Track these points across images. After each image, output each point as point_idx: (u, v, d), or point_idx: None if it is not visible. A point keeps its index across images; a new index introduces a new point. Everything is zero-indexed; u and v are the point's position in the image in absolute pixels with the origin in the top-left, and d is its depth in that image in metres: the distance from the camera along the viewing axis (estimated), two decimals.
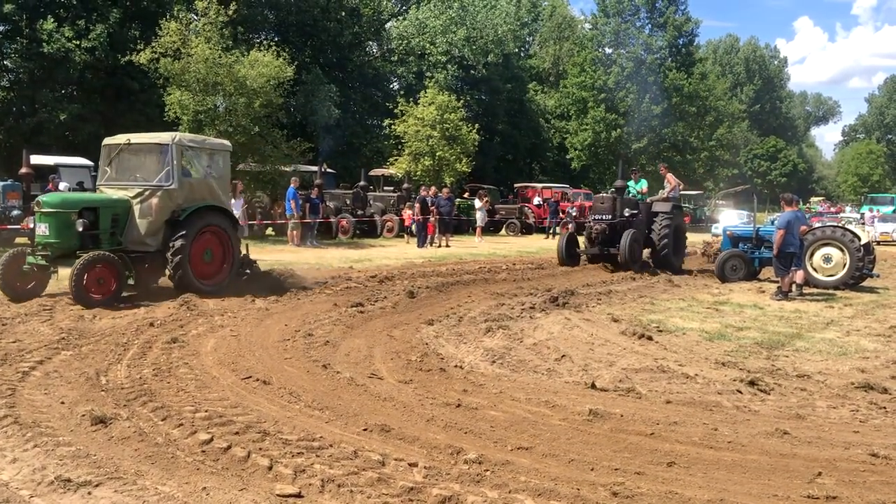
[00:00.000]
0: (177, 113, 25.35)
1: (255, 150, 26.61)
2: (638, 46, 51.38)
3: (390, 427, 5.52)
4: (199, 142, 12.70)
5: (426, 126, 33.72)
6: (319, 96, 38.23)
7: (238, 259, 12.52)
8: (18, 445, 4.87)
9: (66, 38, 32.45)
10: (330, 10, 45.30)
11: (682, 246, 19.50)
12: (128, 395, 6.11)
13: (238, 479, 4.50)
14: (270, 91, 25.95)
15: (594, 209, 19.12)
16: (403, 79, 49.97)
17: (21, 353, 7.42)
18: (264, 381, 6.72)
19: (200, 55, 24.40)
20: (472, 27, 48.61)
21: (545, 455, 5.10)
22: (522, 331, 9.51)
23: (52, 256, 10.89)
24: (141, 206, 11.53)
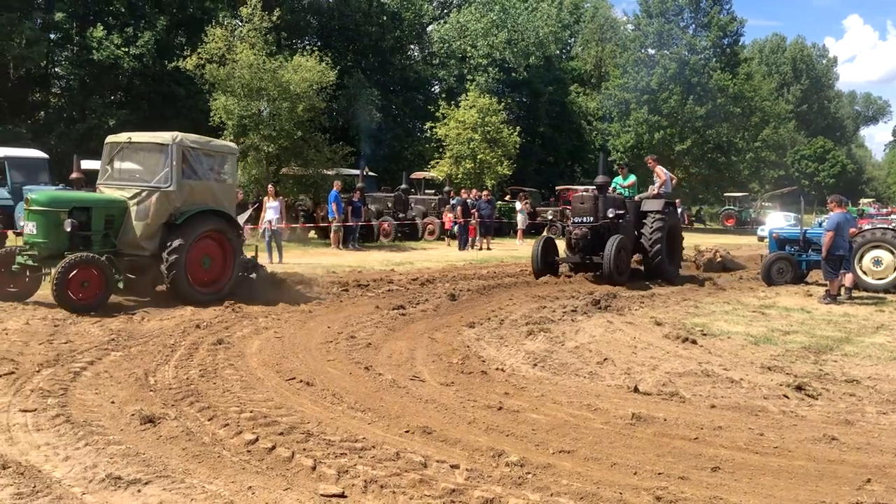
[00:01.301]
0: (222, 118, 25.76)
1: (298, 154, 26.93)
2: (681, 47, 50.76)
3: (432, 429, 5.54)
4: (202, 143, 11.95)
5: (467, 129, 33.75)
6: (361, 100, 38.51)
7: (238, 267, 11.87)
8: (71, 444, 5.00)
9: (114, 46, 33.17)
10: (372, 14, 45.62)
11: (679, 250, 17.30)
12: (175, 395, 6.23)
13: (282, 478, 4.56)
14: (313, 95, 26.24)
15: (574, 211, 16.28)
16: (444, 82, 50.06)
17: (73, 353, 7.61)
18: (308, 382, 6.79)
19: (245, 61, 24.77)
20: (513, 30, 48.56)
21: (587, 458, 5.08)
22: (564, 334, 9.48)
23: (40, 257, 10.38)
24: (137, 208, 10.99)
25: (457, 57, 49.28)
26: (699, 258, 19.45)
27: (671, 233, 16.44)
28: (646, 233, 15.83)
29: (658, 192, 16.97)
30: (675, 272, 16.58)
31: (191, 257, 10.99)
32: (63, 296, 9.75)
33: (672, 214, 16.77)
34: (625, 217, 15.76)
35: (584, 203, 15.85)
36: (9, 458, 4.66)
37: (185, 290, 10.87)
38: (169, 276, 10.74)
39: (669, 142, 49.27)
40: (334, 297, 12.30)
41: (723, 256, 19.44)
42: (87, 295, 9.97)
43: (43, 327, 8.86)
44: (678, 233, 17.28)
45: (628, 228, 15.80)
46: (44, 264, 10.35)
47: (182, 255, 10.73)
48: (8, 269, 10.55)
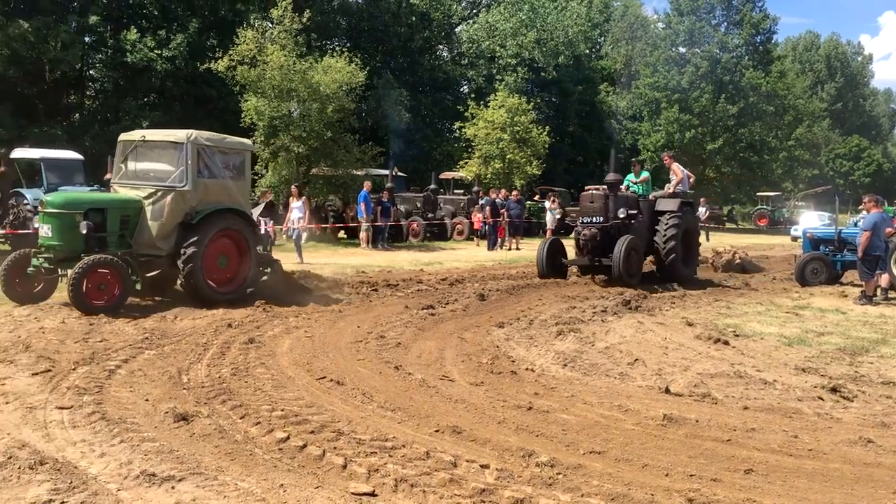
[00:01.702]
0: (252, 119, 25.97)
1: (328, 155, 27.06)
2: (713, 45, 50.31)
3: (462, 429, 5.54)
4: (216, 140, 11.68)
5: (496, 129, 33.71)
6: (390, 101, 38.62)
7: (256, 266, 11.76)
8: (106, 440, 5.07)
9: (148, 48, 33.62)
10: (401, 15, 45.76)
11: (695, 252, 16.45)
12: (208, 393, 6.29)
13: (314, 476, 4.59)
14: (343, 96, 26.36)
15: (582, 210, 15.39)
16: (473, 82, 50.06)
17: (107, 351, 7.72)
18: (338, 381, 6.83)
19: (276, 62, 24.95)
20: (542, 29, 48.42)
21: (618, 459, 5.05)
22: (594, 334, 9.43)
23: (56, 259, 10.28)
24: (153, 208, 10.83)
25: (486, 57, 49.26)
26: (717, 259, 18.91)
27: (687, 234, 15.74)
28: (660, 233, 15.14)
29: (674, 191, 16.31)
30: (691, 275, 15.92)
31: (207, 256, 10.88)
32: (79, 298, 9.66)
33: (688, 214, 16.00)
34: (637, 217, 15.09)
35: (593, 202, 15.02)
36: (46, 454, 4.75)
37: (201, 289, 10.75)
38: (185, 276, 10.64)
39: (701, 141, 48.84)
40: (364, 296, 12.35)
41: (742, 258, 18.95)
42: (104, 297, 9.91)
43: (78, 326, 9.00)
44: (695, 234, 16.61)
45: (641, 228, 15.10)
46: (59, 267, 10.23)
47: (198, 255, 10.61)
48: (24, 272, 10.48)
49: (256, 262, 11.79)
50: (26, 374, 6.73)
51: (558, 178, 47.07)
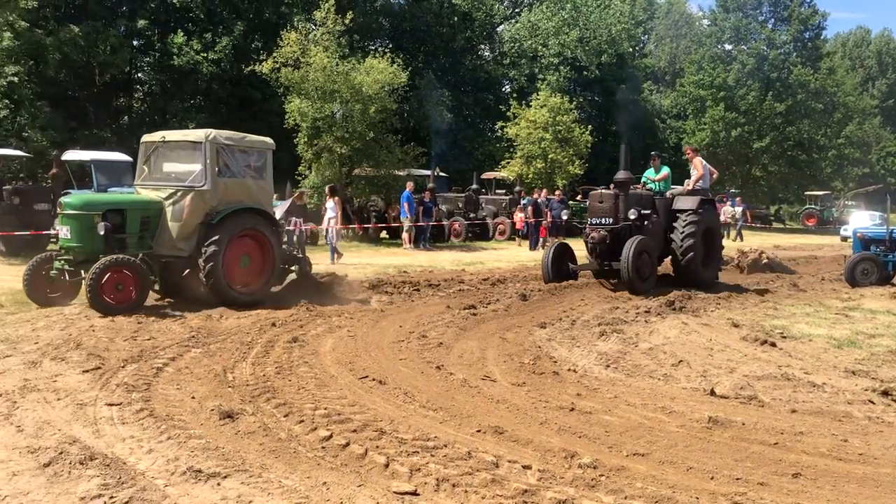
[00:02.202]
0: (296, 120, 26.24)
1: (371, 156, 27.22)
2: (760, 42, 49.44)
3: (504, 429, 5.53)
4: (236, 139, 11.53)
5: (538, 128, 33.57)
6: (432, 101, 38.72)
7: (279, 266, 11.66)
8: (154, 437, 5.16)
9: (194, 51, 34.18)
10: (443, 15, 45.83)
11: (717, 254, 15.09)
12: (252, 391, 6.37)
13: (356, 475, 4.62)
14: (385, 97, 26.49)
15: (591, 211, 14.34)
16: (515, 81, 49.91)
17: (155, 350, 7.87)
18: (380, 380, 6.86)
19: (319, 64, 25.17)
20: (585, 28, 48.11)
21: (662, 462, 5.00)
22: (637, 335, 9.34)
23: (75, 261, 10.26)
24: (173, 208, 10.74)
25: (528, 56, 49.10)
26: (743, 260, 17.96)
27: (708, 234, 14.53)
28: (677, 233, 13.95)
29: (693, 188, 14.92)
30: (712, 278, 14.69)
31: (228, 257, 10.75)
32: (97, 299, 9.63)
33: (708, 212, 14.76)
34: (651, 217, 13.95)
35: (602, 202, 13.97)
36: (96, 450, 4.85)
37: (223, 290, 10.63)
38: (206, 277, 10.51)
39: (747, 139, 48.04)
40: (406, 296, 12.39)
41: (769, 258, 18.13)
42: (122, 297, 9.87)
43: (127, 324, 9.17)
44: (717, 234, 15.31)
45: (655, 229, 13.94)
46: (80, 268, 10.17)
47: (219, 255, 10.50)
48: (47, 275, 10.46)
49: (279, 262, 11.66)
50: (77, 372, 6.89)
51: (601, 177, 46.64)
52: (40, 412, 5.68)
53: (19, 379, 6.61)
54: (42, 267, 10.47)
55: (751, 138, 48.04)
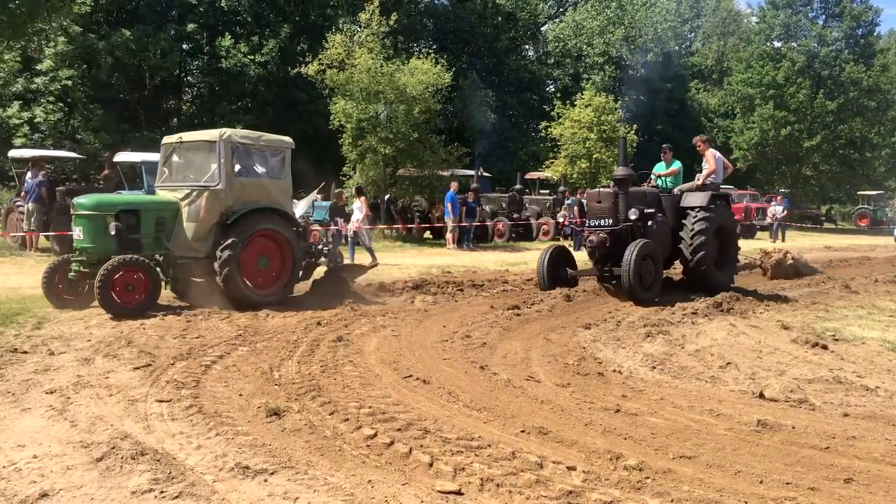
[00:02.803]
0: (341, 121, 26.46)
1: (414, 156, 27.34)
2: (811, 39, 48.46)
3: (548, 430, 5.51)
4: (253, 138, 11.41)
5: (582, 128, 33.35)
6: (476, 101, 38.75)
7: (299, 268, 11.46)
8: (202, 433, 5.25)
9: (241, 54, 34.70)
10: (486, 15, 45.86)
11: (732, 255, 13.75)
12: (298, 389, 6.44)
13: (401, 473, 4.64)
14: (429, 98, 26.58)
15: (589, 212, 13.02)
16: (559, 81, 49.72)
17: (203, 347, 8.00)
18: (424, 380, 6.88)
19: (363, 65, 25.35)
20: (630, 26, 47.75)
21: (709, 465, 4.92)
22: (684, 336, 9.22)
23: (89, 262, 10.15)
24: (188, 209, 10.68)
25: (572, 55, 48.88)
26: (766, 261, 16.68)
27: (722, 234, 13.26)
28: (686, 233, 12.71)
29: (703, 183, 13.55)
30: (727, 281, 13.33)
31: (245, 258, 10.64)
32: (107, 299, 9.60)
33: (722, 210, 13.36)
34: (655, 216, 12.67)
35: (601, 202, 12.65)
36: (146, 445, 4.95)
37: (239, 291, 10.49)
38: (222, 278, 10.35)
39: (797, 138, 47.15)
40: (449, 296, 12.41)
41: (795, 259, 16.80)
42: (132, 298, 9.83)
43: (176, 322, 9.36)
44: (732, 233, 13.87)
45: (662, 230, 12.69)
46: (94, 269, 9.94)
47: (234, 256, 10.35)
48: (67, 277, 10.43)
49: (300, 262, 11.50)
50: (128, 368, 7.04)
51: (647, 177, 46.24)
52: (93, 408, 5.81)
53: (73, 375, 6.78)
54: (60, 269, 10.46)
55: (801, 137, 47.13)
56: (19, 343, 8.06)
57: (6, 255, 17.17)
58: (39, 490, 4.21)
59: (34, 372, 6.91)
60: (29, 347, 7.87)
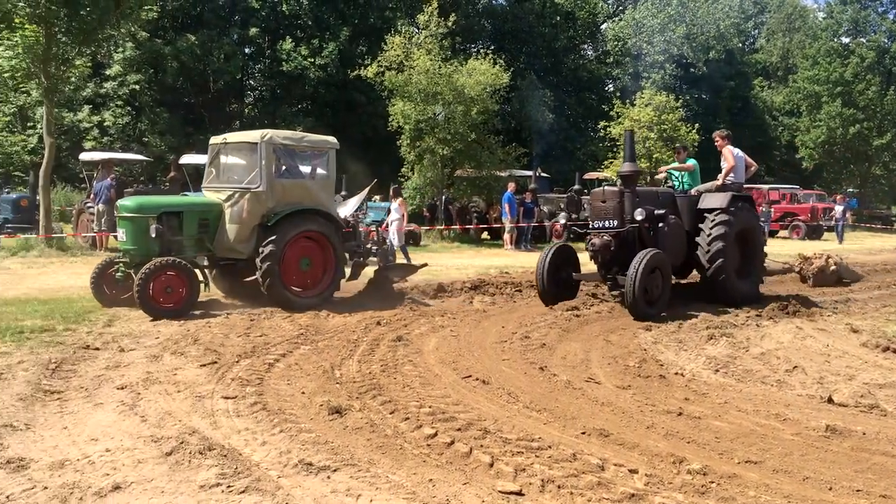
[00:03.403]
0: (399, 123, 26.65)
1: (472, 157, 27.38)
2: (880, 34, 47.02)
3: (609, 432, 5.46)
4: (295, 139, 11.37)
5: (642, 127, 32.95)
6: (534, 101, 38.62)
7: (342, 269, 11.39)
8: (267, 430, 5.35)
9: (302, 57, 35.20)
10: (545, 15, 45.65)
11: (756, 263, 12.47)
12: (359, 388, 6.51)
13: (461, 473, 4.66)
14: (487, 98, 26.60)
15: (593, 212, 11.65)
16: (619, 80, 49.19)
17: (267, 346, 8.15)
18: (483, 380, 6.89)
19: (422, 67, 25.49)
20: (691, 24, 47.01)
21: (776, 470, 4.82)
22: (748, 339, 9.04)
23: (132, 264, 10.25)
24: (231, 210, 10.67)
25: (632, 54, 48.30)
26: (806, 267, 15.33)
27: (744, 239, 12.09)
28: (703, 237, 11.51)
29: (723, 183, 12.39)
30: (751, 292, 12.09)
31: (287, 259, 10.59)
32: (146, 301, 9.64)
33: (744, 212, 12.09)
34: (667, 218, 11.39)
35: (605, 201, 11.39)
36: (213, 441, 5.07)
37: (280, 293, 10.45)
38: (263, 280, 10.35)
39: (867, 136, 45.78)
40: (507, 297, 12.39)
41: (837, 264, 15.40)
42: (172, 300, 9.86)
43: (240, 321, 9.55)
44: (756, 238, 12.58)
45: (674, 233, 11.44)
46: (137, 271, 9.95)
47: (275, 258, 10.33)
48: (114, 277, 10.55)
49: (343, 264, 11.44)
50: (195, 365, 7.22)
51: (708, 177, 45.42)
52: (162, 403, 5.98)
53: (142, 372, 6.98)
54: (107, 269, 10.64)
55: (870, 135, 45.74)
56: (91, 340, 8.33)
57: (78, 255, 17.74)
58: (112, 483, 4.35)
59: (106, 368, 7.13)
60: (100, 344, 8.14)
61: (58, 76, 18.50)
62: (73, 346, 7.94)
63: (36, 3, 16.90)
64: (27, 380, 6.56)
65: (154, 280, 9.71)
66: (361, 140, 33.71)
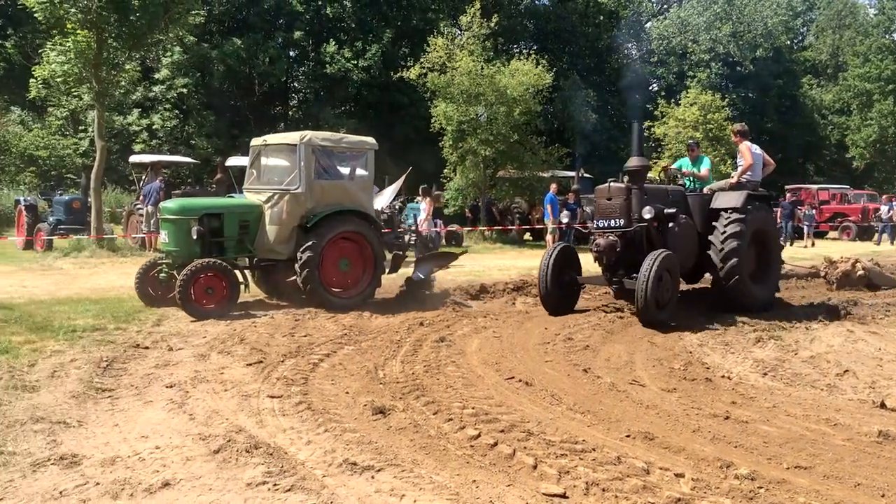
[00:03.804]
0: (441, 124, 26.70)
1: (514, 157, 27.33)
2: None
3: (654, 435, 5.41)
4: (334, 141, 11.40)
5: (687, 127, 32.57)
6: (576, 102, 38.37)
7: (381, 270, 11.41)
8: (312, 429, 5.40)
9: (345, 59, 35.47)
10: (588, 15, 45.34)
11: (773, 266, 11.71)
12: (402, 388, 6.54)
13: (505, 475, 4.65)
14: (529, 99, 26.52)
15: (597, 210, 11.00)
16: (663, 79, 48.64)
17: (311, 346, 8.23)
18: (526, 382, 6.87)
19: (464, 68, 25.51)
20: (738, 21, 46.35)
21: (827, 476, 4.73)
22: (797, 342, 8.86)
23: (174, 265, 10.46)
24: (271, 212, 10.79)
25: (676, 53, 47.75)
26: (831, 271, 14.24)
27: (760, 241, 11.32)
28: (715, 238, 10.75)
29: (738, 181, 11.56)
30: (767, 297, 11.35)
31: (326, 260, 10.67)
32: (187, 302, 9.78)
33: (760, 212, 11.27)
34: (677, 217, 10.65)
35: (610, 198, 10.63)
36: (260, 439, 5.13)
37: (319, 294, 10.54)
38: (302, 280, 10.44)
39: None
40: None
41: (867, 268, 14.19)
42: (212, 300, 10.00)
43: (285, 321, 9.65)
44: (773, 240, 11.88)
45: (684, 233, 10.68)
46: (178, 272, 10.15)
47: (314, 259, 10.40)
48: (157, 278, 10.76)
49: (382, 265, 11.46)
50: (241, 365, 7.32)
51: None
52: (209, 402, 6.07)
53: (190, 370, 7.10)
54: (150, 271, 10.83)
55: None
56: (141, 339, 8.50)
57: (127, 256, 18.11)
58: (162, 479, 4.43)
59: (155, 367, 7.27)
60: (150, 343, 8.30)
61: (108, 80, 18.91)
62: (123, 345, 8.11)
63: (88, 10, 17.29)
64: (80, 378, 6.72)
65: (195, 281, 9.86)
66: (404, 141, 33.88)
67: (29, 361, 7.25)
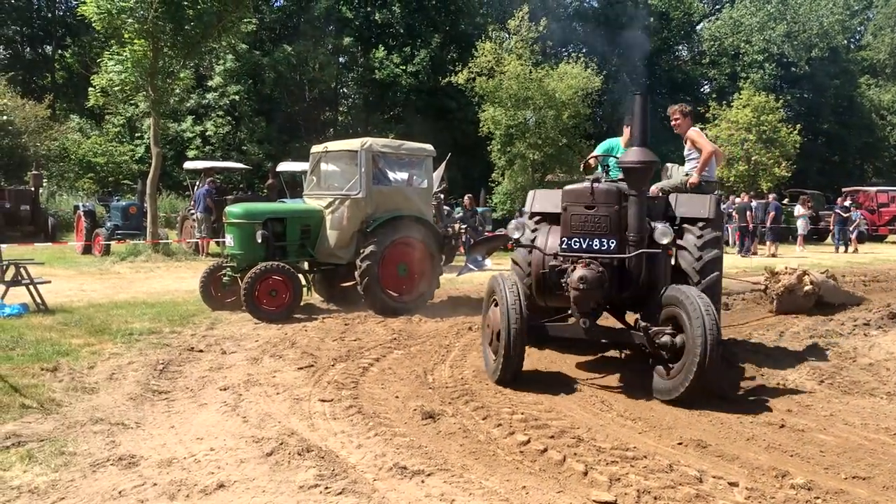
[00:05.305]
0: (490, 128, 26.70)
1: (563, 161, 27.18)
2: None
3: (707, 443, 5.33)
4: (393, 147, 11.63)
5: (740, 129, 32.03)
6: (626, 105, 37.97)
7: (438, 275, 11.63)
8: (362, 433, 5.45)
9: (394, 65, 35.70)
10: (638, 16, 44.88)
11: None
12: (452, 393, 6.55)
13: (555, 481, 4.63)
14: (578, 102, 26.38)
15: (567, 222, 7.12)
16: (715, 81, 47.92)
17: (361, 350, 8.30)
18: (576, 387, 6.83)
19: (513, 72, 25.48)
20: (793, 21, 45.39)
21: (887, 487, 4.61)
22: (855, 349, 8.64)
23: (239, 268, 10.68)
24: (332, 217, 11.03)
25: (729, 54, 47.00)
26: (773, 285, 11.42)
27: None
28: (686, 253, 7.41)
29: (699, 180, 8.34)
30: None
31: (385, 265, 10.81)
32: (252, 305, 10.05)
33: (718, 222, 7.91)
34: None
35: (594, 209, 7.01)
36: (311, 442, 5.19)
37: (378, 298, 10.71)
38: (362, 285, 10.62)
39: None
40: None
41: (815, 282, 11.37)
42: (276, 303, 10.21)
43: (335, 325, 9.76)
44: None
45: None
46: (243, 275, 10.41)
47: (374, 263, 10.58)
48: (221, 282, 11.00)
49: (440, 270, 11.67)
50: (293, 368, 7.42)
51: (810, 179, 43.71)
52: (262, 405, 6.17)
53: (243, 374, 7.22)
54: (214, 274, 11.09)
55: None
56: (195, 342, 8.67)
57: (182, 260, 18.48)
58: (217, 481, 4.51)
59: (209, 370, 7.41)
60: (204, 346, 8.45)
61: (164, 88, 19.33)
62: (178, 348, 8.28)
63: (144, 20, 17.71)
64: (137, 380, 6.88)
65: (260, 284, 10.13)
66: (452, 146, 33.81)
67: (88, 364, 7.45)
